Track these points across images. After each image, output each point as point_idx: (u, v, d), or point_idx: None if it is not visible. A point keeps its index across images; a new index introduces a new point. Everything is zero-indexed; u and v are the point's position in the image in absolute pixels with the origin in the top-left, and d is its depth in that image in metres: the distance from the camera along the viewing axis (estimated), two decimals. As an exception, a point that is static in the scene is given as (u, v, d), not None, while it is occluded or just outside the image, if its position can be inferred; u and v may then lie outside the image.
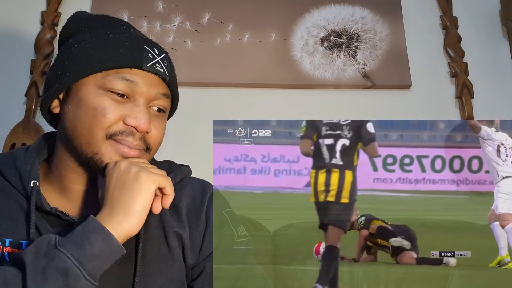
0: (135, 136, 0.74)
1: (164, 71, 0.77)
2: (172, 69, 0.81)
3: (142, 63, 0.74)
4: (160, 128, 0.79)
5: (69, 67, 0.75)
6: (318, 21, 1.65)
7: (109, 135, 0.73)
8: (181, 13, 1.60)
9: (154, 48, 0.77)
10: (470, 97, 1.60)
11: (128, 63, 0.74)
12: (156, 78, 0.76)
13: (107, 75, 0.73)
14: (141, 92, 0.75)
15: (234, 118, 1.35)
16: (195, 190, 0.84)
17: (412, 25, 1.68)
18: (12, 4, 1.59)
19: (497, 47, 1.70)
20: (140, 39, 0.78)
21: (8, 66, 1.53)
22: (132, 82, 0.74)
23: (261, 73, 1.58)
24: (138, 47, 0.76)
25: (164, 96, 0.78)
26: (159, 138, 0.79)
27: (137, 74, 0.74)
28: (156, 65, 0.76)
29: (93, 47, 0.75)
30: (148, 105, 0.76)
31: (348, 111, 1.59)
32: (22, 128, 1.43)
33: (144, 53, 0.75)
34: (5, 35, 1.56)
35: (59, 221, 0.75)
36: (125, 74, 0.74)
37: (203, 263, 0.81)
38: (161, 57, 0.77)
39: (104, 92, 0.73)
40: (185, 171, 0.86)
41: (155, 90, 0.76)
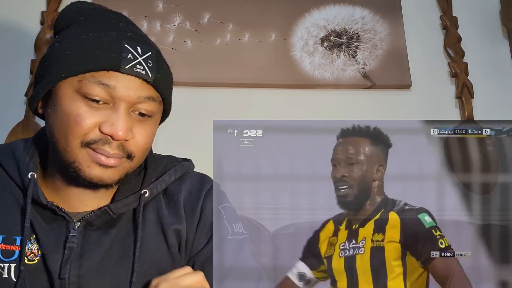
0: (112, 145, 0.69)
1: (146, 73, 0.70)
2: (160, 68, 0.74)
3: (120, 65, 0.68)
4: (145, 134, 0.73)
5: (48, 69, 0.72)
6: (318, 21, 1.65)
7: (85, 144, 0.69)
8: (181, 13, 1.60)
9: (137, 47, 0.71)
10: (470, 97, 1.60)
11: (104, 65, 0.68)
12: (137, 81, 0.70)
13: (83, 79, 0.68)
14: (120, 97, 0.69)
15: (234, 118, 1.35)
16: (193, 184, 0.83)
17: (412, 25, 1.68)
18: (12, 4, 1.59)
19: (497, 47, 1.70)
20: (123, 37, 0.71)
21: (8, 66, 1.53)
22: (108, 87, 0.68)
23: (261, 73, 1.58)
24: (118, 47, 0.69)
25: (149, 99, 0.71)
26: (143, 144, 0.73)
27: (114, 77, 0.68)
28: (136, 66, 0.69)
29: (70, 48, 0.71)
30: (131, 110, 0.71)
31: (348, 111, 1.59)
32: (22, 128, 1.43)
33: (123, 53, 0.69)
34: (5, 35, 1.56)
35: (54, 216, 0.74)
36: (101, 78, 0.68)
37: (193, 259, 0.80)
38: (144, 57, 0.71)
39: (80, 97, 0.68)
40: (186, 166, 0.85)
41: (136, 94, 0.70)
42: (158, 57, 0.74)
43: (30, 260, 0.72)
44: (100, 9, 0.77)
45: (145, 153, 0.76)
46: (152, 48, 0.73)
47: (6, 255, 0.72)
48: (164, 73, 0.75)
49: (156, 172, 0.82)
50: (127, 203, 0.77)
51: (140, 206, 0.77)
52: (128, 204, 0.77)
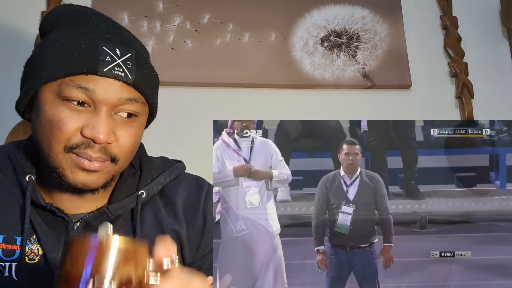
0: (94, 148, 0.68)
1: (126, 75, 0.69)
2: (141, 69, 0.72)
3: (98, 68, 0.67)
4: (129, 136, 0.71)
5: (29, 75, 0.72)
6: (318, 21, 1.65)
7: (68, 148, 0.68)
8: (181, 13, 1.60)
9: (115, 49, 0.69)
10: (470, 97, 1.60)
11: (81, 69, 0.67)
12: (117, 83, 0.69)
13: (62, 83, 0.67)
14: (100, 100, 0.68)
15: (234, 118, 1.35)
16: (191, 186, 0.85)
17: (412, 25, 1.68)
18: (12, 4, 1.59)
19: (497, 47, 1.70)
20: (101, 39, 0.70)
21: (8, 66, 1.53)
22: (88, 90, 0.67)
23: (261, 73, 1.58)
24: (95, 50, 0.68)
25: (131, 101, 0.70)
26: (127, 146, 0.72)
27: (93, 80, 0.67)
28: (115, 68, 0.68)
29: (48, 53, 0.70)
30: (113, 112, 0.70)
31: (348, 111, 1.59)
32: (22, 128, 1.43)
33: (101, 56, 0.68)
34: (5, 35, 1.56)
35: (54, 217, 0.74)
36: (80, 82, 0.67)
37: (201, 261, 0.81)
38: (123, 59, 0.69)
39: (60, 102, 0.68)
40: (180, 168, 0.86)
41: (116, 96, 0.69)
42: (138, 58, 0.72)
43: (31, 259, 0.73)
44: (83, 11, 0.76)
45: (130, 155, 0.75)
46: (131, 50, 0.72)
47: (7, 254, 0.73)
48: (146, 73, 0.73)
49: (151, 173, 0.82)
50: (124, 204, 0.77)
51: (137, 206, 0.78)
52: (125, 205, 0.77)
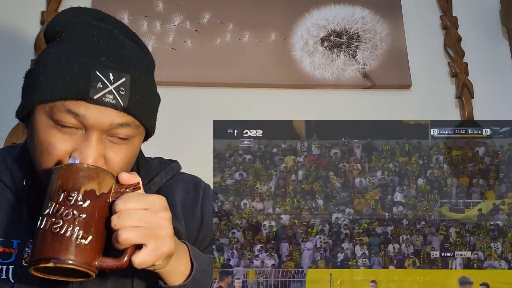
0: None
1: (117, 102, 0.67)
2: (136, 94, 0.69)
3: (88, 95, 0.65)
4: (119, 158, 0.70)
5: (25, 93, 0.72)
6: (318, 21, 1.65)
7: None
8: (181, 13, 1.60)
9: (109, 74, 0.67)
10: (470, 97, 1.60)
11: (72, 94, 0.66)
12: (108, 109, 0.67)
13: (54, 106, 0.66)
14: (90, 125, 0.66)
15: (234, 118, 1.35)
16: (188, 184, 0.85)
17: (412, 25, 1.68)
18: (12, 4, 1.59)
19: (497, 47, 1.70)
20: (95, 64, 0.68)
21: (8, 66, 1.53)
22: (78, 115, 0.66)
23: (261, 73, 1.58)
24: (88, 75, 0.66)
25: (123, 126, 0.68)
26: (119, 168, 0.70)
27: (84, 106, 0.66)
28: (106, 96, 0.66)
29: (42, 74, 0.69)
30: (105, 135, 0.69)
31: (348, 111, 1.59)
32: (22, 128, 1.43)
33: (93, 82, 0.66)
34: (5, 35, 1.56)
35: None
36: (71, 107, 0.66)
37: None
38: (116, 85, 0.67)
39: (52, 124, 0.67)
40: (175, 167, 0.86)
41: (108, 122, 0.67)
42: (133, 83, 0.70)
43: (27, 262, 0.72)
44: (86, 23, 0.73)
45: (126, 171, 0.73)
46: (126, 74, 0.69)
47: (4, 257, 0.73)
48: (141, 98, 0.71)
49: (148, 174, 0.83)
50: None
51: None
52: None
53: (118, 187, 0.63)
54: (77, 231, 0.58)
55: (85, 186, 0.60)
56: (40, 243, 0.58)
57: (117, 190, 0.63)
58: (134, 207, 0.61)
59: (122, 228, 0.59)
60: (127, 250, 0.60)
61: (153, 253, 0.60)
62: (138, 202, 0.61)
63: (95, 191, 0.61)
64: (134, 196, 0.62)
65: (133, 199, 0.61)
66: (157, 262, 0.62)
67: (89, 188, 0.60)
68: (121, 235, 0.58)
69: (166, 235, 0.62)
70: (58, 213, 0.59)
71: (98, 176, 0.62)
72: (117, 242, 0.59)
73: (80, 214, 0.59)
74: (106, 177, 0.63)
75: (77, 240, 0.58)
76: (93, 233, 0.59)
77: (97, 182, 0.61)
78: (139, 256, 0.60)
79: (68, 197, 0.59)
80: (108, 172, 0.64)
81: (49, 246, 0.57)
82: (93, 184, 0.61)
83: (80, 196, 0.60)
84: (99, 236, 0.60)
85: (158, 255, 0.61)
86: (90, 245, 0.59)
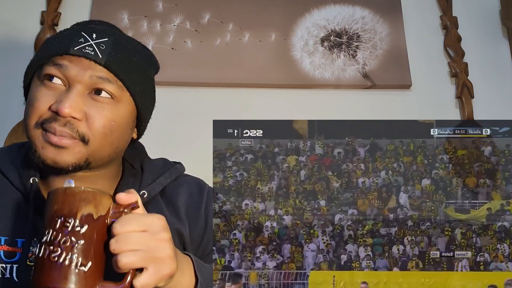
0: (59, 122, 0.70)
1: (96, 54, 0.72)
2: (117, 53, 0.74)
3: (70, 48, 0.72)
4: (100, 116, 0.72)
5: (26, 72, 0.77)
6: (318, 21, 1.65)
7: (38, 124, 0.71)
8: (181, 13, 1.60)
9: (92, 34, 0.74)
10: (470, 97, 1.60)
11: (56, 49, 0.72)
12: (89, 62, 0.72)
13: (44, 64, 0.73)
14: (72, 76, 0.71)
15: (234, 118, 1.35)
16: (192, 186, 0.86)
17: (412, 25, 1.68)
18: (12, 4, 1.59)
19: (497, 47, 1.70)
20: (82, 28, 0.76)
21: (8, 66, 1.53)
22: (61, 66, 0.71)
23: (261, 73, 1.58)
24: (73, 34, 0.74)
25: (103, 80, 0.72)
26: (97, 127, 0.72)
27: (67, 59, 0.72)
28: (85, 48, 0.72)
29: (40, 48, 0.78)
30: (89, 92, 0.72)
31: (348, 111, 1.59)
32: (22, 128, 1.43)
33: (76, 38, 0.73)
34: (5, 35, 1.56)
35: None
36: (56, 60, 0.72)
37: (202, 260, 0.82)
38: (97, 41, 0.73)
39: (40, 83, 0.73)
40: (179, 169, 0.87)
41: (88, 73, 0.71)
42: (116, 45, 0.75)
43: (31, 261, 0.72)
44: (86, 21, 0.83)
45: (102, 138, 0.73)
46: (111, 36, 0.75)
47: (8, 256, 0.73)
48: (124, 58, 0.75)
49: (152, 174, 0.83)
50: None
51: None
52: None
53: (116, 207, 0.61)
54: (76, 259, 0.57)
55: (82, 211, 0.59)
56: (39, 272, 0.57)
57: (115, 210, 0.61)
58: (132, 230, 0.59)
59: (121, 253, 0.58)
60: (128, 273, 0.59)
61: (154, 276, 0.59)
62: (136, 224, 0.59)
63: (93, 214, 0.59)
64: (132, 217, 0.60)
65: (131, 221, 0.60)
66: (159, 284, 0.61)
67: (86, 212, 0.59)
68: (120, 260, 0.57)
69: (167, 257, 0.60)
70: (56, 241, 0.57)
71: (95, 199, 0.60)
72: (117, 267, 0.58)
73: (78, 241, 0.57)
74: (103, 199, 0.61)
75: (76, 268, 0.57)
76: (92, 258, 0.58)
77: (94, 205, 0.59)
78: (140, 280, 0.58)
79: (65, 223, 0.58)
80: (105, 193, 0.62)
81: (48, 275, 0.57)
82: (90, 207, 0.59)
83: (77, 222, 0.58)
84: (99, 261, 0.59)
85: (159, 277, 0.60)
86: (90, 271, 0.58)
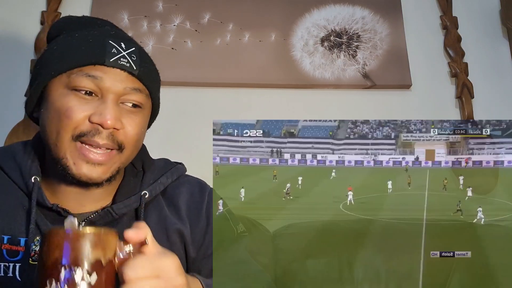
0: (102, 135, 0.71)
1: (131, 65, 0.73)
2: (144, 63, 0.76)
3: (105, 59, 0.71)
4: (134, 124, 0.74)
5: (39, 71, 0.75)
6: (318, 21, 1.65)
7: (76, 137, 0.70)
8: (181, 13, 1.60)
9: (120, 43, 0.74)
10: (470, 97, 1.60)
11: (90, 59, 0.71)
12: (122, 73, 0.73)
13: (71, 74, 0.71)
14: (107, 88, 0.71)
15: (234, 118, 1.35)
16: (193, 187, 0.86)
17: (412, 25, 1.68)
18: (12, 4, 1.59)
19: (497, 47, 1.70)
20: (107, 34, 0.75)
21: (8, 66, 1.53)
22: (96, 78, 0.71)
23: (261, 73, 1.57)
24: (102, 43, 0.73)
25: (136, 91, 0.74)
26: (133, 135, 0.74)
27: (100, 70, 0.71)
28: (120, 59, 0.72)
29: (58, 49, 0.74)
30: (120, 102, 0.73)
31: (348, 111, 1.59)
32: (22, 128, 1.43)
33: (107, 48, 0.72)
34: (5, 35, 1.56)
35: (59, 217, 0.75)
36: (88, 71, 0.71)
37: (204, 261, 0.82)
38: (128, 51, 0.74)
39: (69, 92, 0.71)
40: (181, 169, 0.87)
41: (122, 85, 0.72)
42: (141, 53, 0.77)
43: (34, 260, 0.73)
44: (88, 18, 0.83)
45: (135, 145, 0.76)
46: (135, 45, 0.77)
47: (11, 255, 0.73)
48: (148, 67, 0.78)
49: (154, 174, 0.83)
50: (128, 203, 0.78)
51: (141, 206, 0.79)
52: (129, 204, 0.78)
53: (124, 246, 0.55)
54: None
55: (89, 257, 0.52)
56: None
57: (124, 250, 0.55)
58: (145, 276, 0.54)
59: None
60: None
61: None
62: (149, 270, 0.54)
63: (101, 261, 0.52)
64: (144, 262, 0.55)
65: (143, 266, 0.54)
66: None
67: (94, 260, 0.52)
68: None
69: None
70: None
71: (101, 241, 0.53)
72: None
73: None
74: (109, 238, 0.54)
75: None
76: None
77: (101, 248, 0.53)
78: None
79: (70, 273, 0.51)
80: (110, 231, 0.56)
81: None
82: (97, 252, 0.52)
83: (84, 272, 0.51)
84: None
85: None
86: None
